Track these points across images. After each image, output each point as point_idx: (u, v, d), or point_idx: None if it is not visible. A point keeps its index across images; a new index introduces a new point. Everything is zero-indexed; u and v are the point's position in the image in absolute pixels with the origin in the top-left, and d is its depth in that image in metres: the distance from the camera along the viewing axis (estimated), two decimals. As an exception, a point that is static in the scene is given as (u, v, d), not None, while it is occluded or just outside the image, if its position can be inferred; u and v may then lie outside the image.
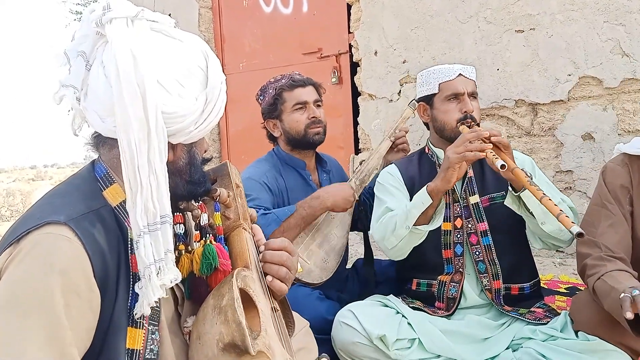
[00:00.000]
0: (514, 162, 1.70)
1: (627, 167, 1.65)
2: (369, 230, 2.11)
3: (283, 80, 2.25)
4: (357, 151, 3.66)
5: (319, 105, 2.27)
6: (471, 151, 1.70)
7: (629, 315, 1.31)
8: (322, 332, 1.81)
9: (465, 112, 1.92)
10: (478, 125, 1.92)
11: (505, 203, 1.81)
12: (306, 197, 2.09)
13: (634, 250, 1.62)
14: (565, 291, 2.34)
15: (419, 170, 2.02)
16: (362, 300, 1.95)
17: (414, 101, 2.15)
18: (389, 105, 3.38)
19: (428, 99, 2.02)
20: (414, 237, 1.84)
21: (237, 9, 4.24)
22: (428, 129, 2.12)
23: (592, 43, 2.74)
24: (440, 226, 1.88)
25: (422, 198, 1.79)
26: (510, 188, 1.77)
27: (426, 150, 2.09)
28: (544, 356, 1.60)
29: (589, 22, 2.75)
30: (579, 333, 1.63)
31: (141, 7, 1.08)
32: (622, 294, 1.35)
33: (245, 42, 4.24)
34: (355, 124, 3.65)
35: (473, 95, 1.97)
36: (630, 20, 2.65)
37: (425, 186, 1.80)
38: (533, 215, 1.73)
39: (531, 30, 2.90)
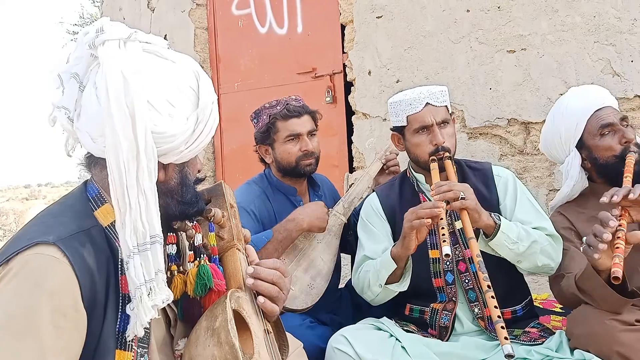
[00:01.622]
0: (471, 229, 1.66)
1: (561, 215, 1.99)
2: None
3: (278, 107, 2.19)
4: (352, 169, 3.67)
5: (313, 135, 2.23)
6: (419, 219, 1.67)
7: (596, 255, 1.45)
8: None
9: (436, 144, 1.88)
10: (450, 154, 1.89)
11: (480, 248, 1.79)
12: (281, 221, 2.08)
13: None
14: (561, 310, 2.32)
15: (399, 197, 2.01)
16: (356, 323, 1.93)
17: None
18: (382, 124, 3.40)
19: (400, 130, 2.00)
20: (389, 293, 1.86)
21: (233, 30, 4.28)
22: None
23: (583, 63, 2.78)
24: (428, 254, 1.88)
25: (387, 262, 1.78)
26: (482, 233, 1.78)
27: (407, 174, 2.07)
28: (539, 376, 1.59)
29: (579, 42, 2.78)
30: (575, 351, 1.62)
31: (134, 29, 1.09)
32: (582, 250, 1.53)
33: (240, 62, 4.27)
34: (350, 142, 3.66)
35: (444, 122, 1.91)
36: (621, 40, 2.69)
37: (389, 250, 1.79)
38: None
39: (522, 50, 2.93)
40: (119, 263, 1.06)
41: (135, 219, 1.00)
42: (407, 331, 1.87)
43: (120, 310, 1.05)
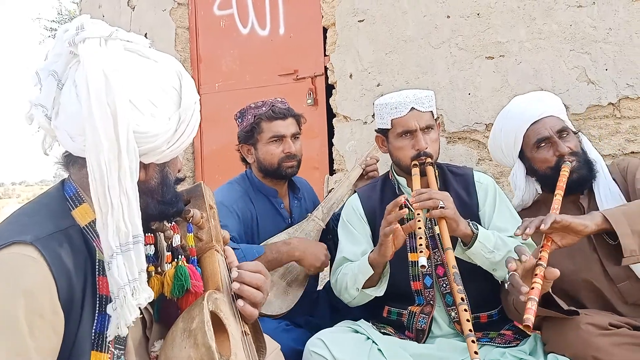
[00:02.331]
0: (449, 239, 1.67)
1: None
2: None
3: (263, 109, 2.19)
4: (332, 172, 3.68)
5: (296, 138, 2.24)
6: (390, 226, 1.68)
7: (522, 298, 1.41)
8: None
9: (418, 150, 1.90)
10: (432, 160, 1.91)
11: (455, 254, 1.79)
12: (277, 240, 2.07)
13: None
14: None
15: (380, 199, 2.02)
16: (333, 324, 1.93)
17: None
18: (363, 127, 3.41)
19: (384, 132, 2.02)
20: (366, 297, 1.87)
21: (214, 30, 4.26)
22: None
23: (559, 70, 2.83)
24: (408, 257, 1.90)
25: (365, 267, 1.80)
26: (460, 242, 1.79)
27: (389, 176, 2.09)
28: (513, 379, 1.62)
29: (556, 50, 2.84)
30: (549, 355, 1.64)
31: (115, 27, 1.08)
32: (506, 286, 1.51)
33: (221, 63, 4.26)
34: (330, 145, 3.67)
35: (428, 128, 1.93)
36: (596, 49, 2.75)
37: (367, 256, 1.81)
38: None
39: (501, 57, 2.98)
40: (97, 263, 1.05)
41: (118, 219, 0.99)
42: (384, 333, 1.88)
43: (97, 311, 1.04)
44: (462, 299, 1.54)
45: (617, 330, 1.57)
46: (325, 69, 3.68)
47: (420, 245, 1.60)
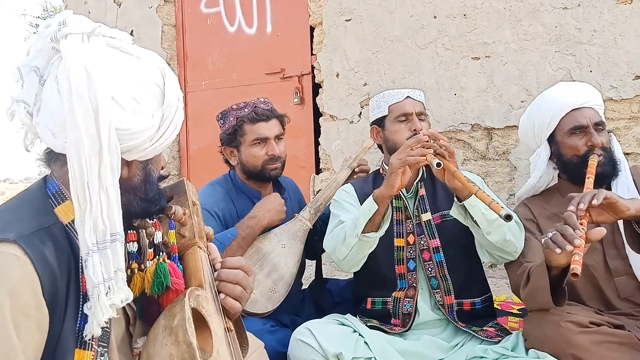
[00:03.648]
0: (456, 168, 1.76)
1: (526, 206, 2.03)
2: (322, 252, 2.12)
3: (246, 110, 2.17)
4: (318, 171, 3.68)
5: (280, 139, 2.22)
6: (412, 156, 1.77)
7: (558, 250, 1.47)
8: None
9: (415, 130, 1.98)
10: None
11: (450, 213, 1.86)
12: (244, 218, 2.11)
13: None
14: (518, 312, 2.38)
15: (373, 189, 2.02)
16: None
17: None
18: (349, 126, 3.42)
19: (380, 122, 2.09)
20: (364, 246, 1.85)
21: (201, 27, 4.24)
22: (382, 151, 2.16)
23: (544, 72, 2.86)
24: (393, 242, 1.93)
25: (369, 205, 1.82)
26: (455, 198, 1.83)
27: (381, 170, 2.13)
28: (495, 375, 1.64)
29: (541, 51, 2.86)
30: (530, 351, 1.66)
31: (98, 23, 1.07)
32: (543, 240, 1.55)
33: (208, 60, 4.24)
34: (317, 144, 3.67)
35: (421, 115, 2.05)
36: (580, 51, 2.78)
37: (373, 193, 1.84)
38: (479, 225, 1.78)
39: (487, 57, 3.00)
40: (80, 261, 1.04)
41: (96, 217, 0.99)
42: (371, 327, 1.89)
43: (80, 309, 1.03)
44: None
45: (597, 329, 1.59)
46: (312, 68, 3.68)
47: (433, 152, 1.78)
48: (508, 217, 1.54)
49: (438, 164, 1.72)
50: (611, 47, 2.71)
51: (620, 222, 1.75)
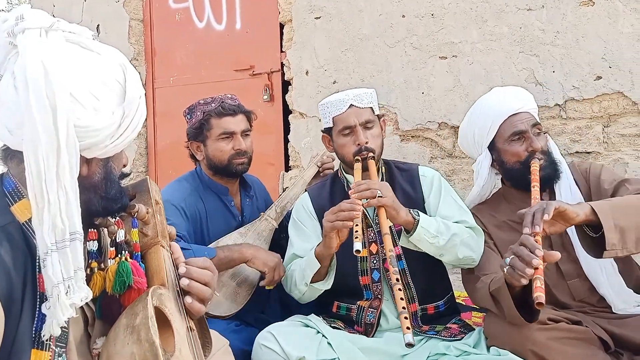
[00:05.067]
0: (387, 225, 1.71)
1: (475, 216, 2.01)
2: None
3: (213, 105, 2.16)
4: (287, 168, 3.68)
5: (247, 135, 2.21)
6: (340, 221, 1.70)
7: (524, 281, 1.45)
8: None
9: (359, 144, 1.93)
10: (374, 155, 1.93)
11: (400, 244, 1.87)
12: (228, 241, 2.05)
13: None
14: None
15: (330, 197, 2.05)
16: (283, 320, 1.94)
17: None
18: (319, 124, 3.42)
19: (329, 131, 2.06)
20: (315, 291, 1.90)
21: (169, 23, 4.19)
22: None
23: (508, 72, 2.91)
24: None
25: (312, 262, 1.82)
26: (403, 230, 1.83)
27: (339, 174, 2.12)
28: (457, 371, 1.66)
29: (506, 52, 2.92)
30: (491, 348, 1.69)
31: (57, 18, 1.05)
32: (502, 268, 1.53)
33: (176, 56, 4.19)
34: (286, 141, 3.67)
35: (368, 124, 1.96)
36: (544, 52, 2.84)
37: (314, 250, 1.83)
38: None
39: (454, 57, 3.04)
40: (37, 260, 1.02)
41: (54, 215, 0.97)
42: (334, 327, 1.90)
43: (37, 309, 1.01)
44: (397, 279, 1.60)
45: (555, 325, 1.61)
46: (282, 65, 3.67)
47: (357, 232, 1.64)
48: (409, 345, 1.46)
49: (357, 251, 1.61)
50: (573, 48, 2.78)
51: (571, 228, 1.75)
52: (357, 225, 1.66)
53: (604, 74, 2.71)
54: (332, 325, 1.92)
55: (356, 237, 1.62)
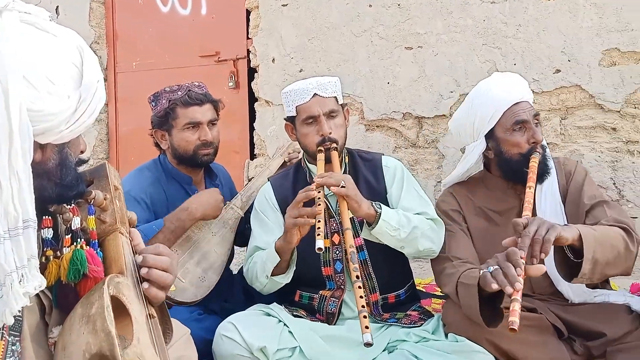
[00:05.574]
0: (348, 219, 1.72)
1: (452, 196, 2.03)
2: None
3: (179, 93, 2.11)
4: (253, 156, 3.66)
5: (214, 124, 2.17)
6: (302, 217, 1.71)
7: (495, 286, 1.43)
8: (205, 354, 1.74)
9: (322, 135, 1.90)
10: (337, 145, 1.91)
11: (362, 236, 1.87)
12: (174, 210, 2.03)
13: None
14: (442, 294, 2.47)
15: (292, 187, 2.02)
16: (246, 309, 1.93)
17: None
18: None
19: (292, 120, 2.02)
20: (275, 284, 1.90)
21: (132, 6, 4.10)
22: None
23: (472, 63, 2.95)
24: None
25: (272, 256, 1.82)
26: (365, 222, 1.83)
27: (302, 164, 2.10)
28: (416, 357, 1.68)
29: (469, 43, 2.96)
30: (449, 335, 1.73)
31: (12, -2, 1.01)
32: (482, 272, 1.50)
33: (139, 41, 4.10)
34: (252, 129, 3.65)
35: (332, 113, 1.93)
36: (506, 44, 2.89)
37: (274, 244, 1.83)
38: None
39: (419, 47, 3.07)
40: None
41: (7, 202, 0.94)
42: (296, 316, 1.91)
43: None
44: (357, 276, 1.60)
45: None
46: (248, 52, 3.64)
47: (319, 228, 1.63)
48: (367, 344, 1.47)
49: (319, 249, 1.60)
50: (534, 42, 2.84)
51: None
52: (319, 221, 1.65)
53: (562, 67, 2.78)
54: (294, 314, 1.92)
55: (318, 235, 1.61)
